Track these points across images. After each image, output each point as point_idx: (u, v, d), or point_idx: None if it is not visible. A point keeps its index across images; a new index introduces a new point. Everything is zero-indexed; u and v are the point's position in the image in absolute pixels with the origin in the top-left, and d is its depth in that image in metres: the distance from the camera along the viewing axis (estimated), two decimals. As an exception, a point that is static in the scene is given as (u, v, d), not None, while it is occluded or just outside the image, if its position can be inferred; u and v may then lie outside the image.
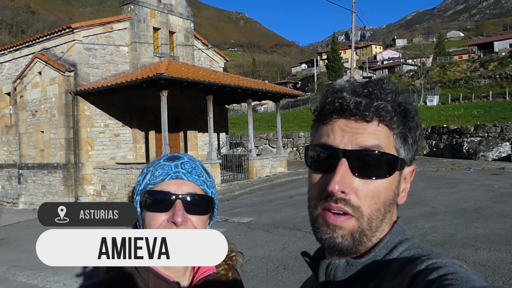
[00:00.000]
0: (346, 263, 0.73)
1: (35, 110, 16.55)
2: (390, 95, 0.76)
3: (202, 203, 1.04)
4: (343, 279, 0.74)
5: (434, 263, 0.61)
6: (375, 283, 0.69)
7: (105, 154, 16.08)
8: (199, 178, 1.06)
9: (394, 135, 0.76)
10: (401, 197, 0.79)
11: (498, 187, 11.83)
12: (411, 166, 0.81)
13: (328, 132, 0.76)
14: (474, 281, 0.55)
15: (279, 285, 5.38)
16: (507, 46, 62.77)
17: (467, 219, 8.05)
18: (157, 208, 1.01)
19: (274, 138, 26.79)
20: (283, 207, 11.22)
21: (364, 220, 0.72)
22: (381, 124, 0.75)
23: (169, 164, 1.05)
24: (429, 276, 0.57)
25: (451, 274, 0.56)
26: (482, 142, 20.46)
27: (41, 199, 16.23)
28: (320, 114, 0.79)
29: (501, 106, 32.45)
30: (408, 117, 0.77)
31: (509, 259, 5.56)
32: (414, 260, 0.65)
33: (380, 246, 0.74)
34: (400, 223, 0.79)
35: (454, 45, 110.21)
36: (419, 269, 0.61)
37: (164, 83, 13.88)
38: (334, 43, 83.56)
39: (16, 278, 6.90)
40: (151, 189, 1.03)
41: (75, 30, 15.25)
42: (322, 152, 0.76)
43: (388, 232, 0.76)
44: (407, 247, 0.74)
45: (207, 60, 21.51)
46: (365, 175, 0.72)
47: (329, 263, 0.75)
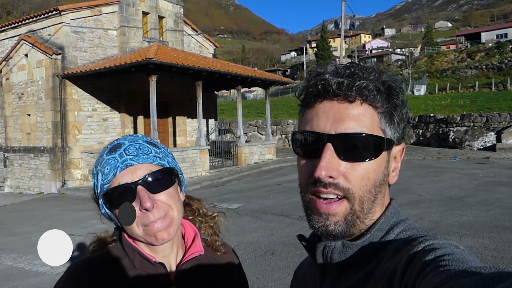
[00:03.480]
0: (342, 245, 0.74)
1: (22, 93, 16.30)
2: (373, 74, 0.75)
3: (162, 177, 1.01)
4: (339, 261, 0.74)
5: (431, 244, 0.62)
6: (373, 265, 0.70)
7: (93, 138, 15.95)
8: (148, 156, 1.02)
9: (379, 114, 0.74)
10: (392, 176, 0.79)
11: (483, 176, 12.05)
12: (400, 145, 0.79)
13: (313, 117, 0.75)
14: (470, 261, 0.55)
15: (267, 270, 5.42)
16: (494, 37, 63.22)
17: (452, 207, 8.20)
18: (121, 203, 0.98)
19: (263, 125, 26.80)
20: (272, 193, 11.28)
21: (356, 202, 0.72)
22: (364, 104, 0.73)
23: (113, 157, 1.00)
24: (426, 257, 0.57)
25: (448, 255, 0.57)
26: (468, 132, 20.74)
27: (28, 183, 16.10)
28: (304, 98, 0.79)
29: (487, 96, 32.84)
30: (392, 95, 0.76)
31: (492, 245, 5.68)
32: (411, 242, 0.65)
33: (375, 227, 0.74)
34: (395, 204, 0.79)
35: (442, 35, 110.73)
36: (416, 250, 0.61)
37: (153, 68, 13.75)
38: (323, 31, 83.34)
39: (2, 261, 6.86)
40: (108, 188, 1.00)
41: (62, 13, 14.97)
42: (307, 138, 0.75)
43: (383, 214, 0.77)
44: (403, 229, 0.74)
45: (197, 46, 21.33)
46: (351, 158, 0.72)
47: (325, 245, 0.75)
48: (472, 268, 0.51)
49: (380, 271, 0.66)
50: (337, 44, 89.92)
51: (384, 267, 0.66)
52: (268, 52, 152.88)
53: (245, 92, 59.32)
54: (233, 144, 18.99)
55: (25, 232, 8.82)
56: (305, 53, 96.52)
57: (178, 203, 1.04)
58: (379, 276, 0.65)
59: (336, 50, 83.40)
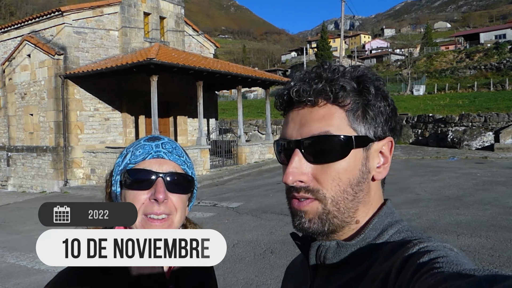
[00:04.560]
0: (337, 245, 0.73)
1: (24, 93, 16.41)
2: (337, 72, 0.75)
3: (183, 182, 1.04)
4: (333, 261, 0.74)
5: (425, 246, 0.62)
6: (366, 265, 0.69)
7: (95, 138, 16.06)
8: (179, 158, 1.06)
9: (347, 112, 0.73)
10: (378, 172, 0.76)
11: (481, 175, 12.06)
12: (384, 139, 0.76)
13: (284, 125, 0.79)
14: (464, 264, 0.55)
15: (266, 268, 5.43)
16: (492, 37, 63.17)
17: (450, 206, 8.22)
18: (138, 186, 1.00)
19: (263, 125, 26.83)
20: (271, 192, 11.34)
21: (328, 202, 0.72)
22: (328, 104, 0.73)
23: (150, 144, 1.04)
24: (421, 259, 0.58)
25: (442, 257, 0.57)
26: (466, 132, 20.75)
27: (30, 182, 16.21)
28: (279, 108, 0.81)
29: (486, 96, 32.70)
30: (363, 90, 0.74)
31: (489, 244, 5.69)
32: (406, 244, 0.65)
33: (369, 227, 0.74)
34: (389, 204, 0.79)
35: (441, 35, 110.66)
36: (410, 252, 0.62)
37: (154, 68, 13.83)
38: (323, 31, 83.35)
39: (5, 259, 6.86)
40: (132, 168, 1.02)
41: (64, 13, 15.09)
42: (281, 145, 0.78)
43: (376, 213, 0.76)
44: (397, 230, 0.74)
45: (198, 46, 21.43)
46: (319, 161, 0.72)
47: (320, 244, 0.75)
48: (466, 271, 0.51)
49: (374, 272, 0.66)
50: (337, 44, 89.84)
51: (378, 268, 0.66)
52: (268, 52, 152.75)
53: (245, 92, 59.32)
54: (233, 143, 19.06)
55: (27, 230, 8.83)
56: (305, 53, 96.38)
57: (183, 211, 1.05)
58: (373, 277, 0.65)
59: (336, 50, 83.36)
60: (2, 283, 5.79)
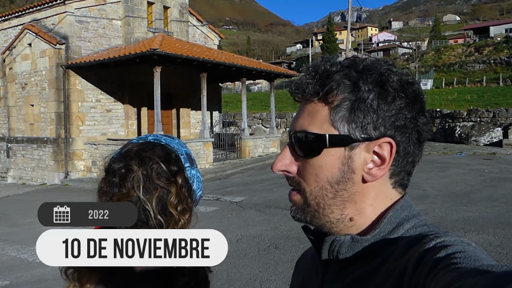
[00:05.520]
0: (351, 239, 0.72)
1: (25, 83, 16.27)
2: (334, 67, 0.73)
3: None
4: (346, 256, 0.73)
5: (442, 241, 0.60)
6: (379, 260, 0.68)
7: (96, 129, 15.92)
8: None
9: (331, 110, 0.71)
10: (368, 174, 0.71)
11: (489, 171, 11.94)
12: (378, 140, 0.70)
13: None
14: (483, 259, 0.53)
15: (270, 263, 5.40)
16: (502, 31, 62.57)
17: (457, 202, 8.13)
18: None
19: (268, 118, 26.70)
20: (275, 187, 11.23)
21: (307, 195, 0.74)
22: (317, 101, 0.73)
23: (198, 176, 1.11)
24: (437, 255, 0.56)
25: (459, 252, 0.55)
26: (475, 127, 20.59)
27: (30, 174, 16.12)
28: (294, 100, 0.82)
29: (494, 91, 32.57)
30: (356, 86, 0.70)
31: (497, 242, 5.64)
32: (422, 239, 0.64)
33: (383, 222, 0.72)
34: (407, 198, 0.76)
35: (450, 29, 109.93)
36: (427, 247, 0.60)
37: (157, 59, 13.66)
38: (329, 23, 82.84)
39: (6, 252, 6.90)
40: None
41: (66, 2, 14.89)
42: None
43: (391, 207, 0.73)
44: (413, 224, 0.72)
45: (202, 37, 21.20)
46: (300, 155, 0.74)
47: (334, 239, 0.74)
48: (483, 267, 0.50)
49: (389, 267, 0.65)
50: (343, 37, 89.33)
51: (393, 264, 0.64)
52: (273, 44, 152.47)
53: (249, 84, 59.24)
54: (237, 136, 18.93)
55: (28, 223, 8.82)
56: (311, 46, 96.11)
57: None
58: (388, 272, 0.64)
59: (342, 43, 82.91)
60: (3, 276, 5.84)
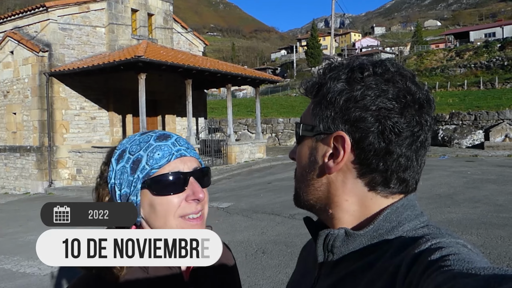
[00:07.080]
0: (345, 233, 0.73)
1: (7, 91, 16.04)
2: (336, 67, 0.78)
3: (206, 175, 1.03)
4: (341, 250, 0.74)
5: (437, 242, 0.61)
6: (375, 257, 0.69)
7: (81, 137, 15.76)
8: (195, 152, 1.03)
9: (312, 104, 0.78)
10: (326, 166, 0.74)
11: (471, 173, 12.11)
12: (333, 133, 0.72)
13: None
14: (476, 261, 0.54)
15: (258, 268, 5.40)
16: (482, 35, 63.72)
17: (441, 204, 8.24)
18: (170, 190, 0.94)
19: (253, 124, 26.73)
20: (262, 192, 11.23)
21: (296, 179, 0.82)
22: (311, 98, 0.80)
23: (166, 144, 0.97)
24: (432, 256, 0.57)
25: (453, 254, 0.56)
26: (457, 130, 20.91)
27: (13, 183, 15.86)
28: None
29: (475, 95, 33.04)
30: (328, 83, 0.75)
31: (480, 242, 5.73)
32: (418, 239, 0.65)
33: (379, 218, 0.71)
34: (411, 198, 0.76)
35: (431, 34, 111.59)
36: (422, 248, 0.61)
37: (142, 66, 13.62)
38: (313, 29, 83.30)
39: None
40: (158, 174, 0.94)
41: (49, 9, 14.77)
42: None
43: (390, 205, 0.73)
44: (413, 226, 0.72)
45: (186, 44, 21.20)
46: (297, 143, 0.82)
47: (328, 233, 0.74)
48: (475, 269, 0.50)
49: (383, 265, 0.66)
50: (327, 43, 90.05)
51: (387, 262, 0.66)
52: (258, 50, 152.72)
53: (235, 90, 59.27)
54: (223, 142, 18.91)
55: (11, 233, 8.67)
56: (295, 52, 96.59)
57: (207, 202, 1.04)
58: (382, 270, 0.65)
59: (326, 49, 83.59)
60: (-15, 287, 5.76)
